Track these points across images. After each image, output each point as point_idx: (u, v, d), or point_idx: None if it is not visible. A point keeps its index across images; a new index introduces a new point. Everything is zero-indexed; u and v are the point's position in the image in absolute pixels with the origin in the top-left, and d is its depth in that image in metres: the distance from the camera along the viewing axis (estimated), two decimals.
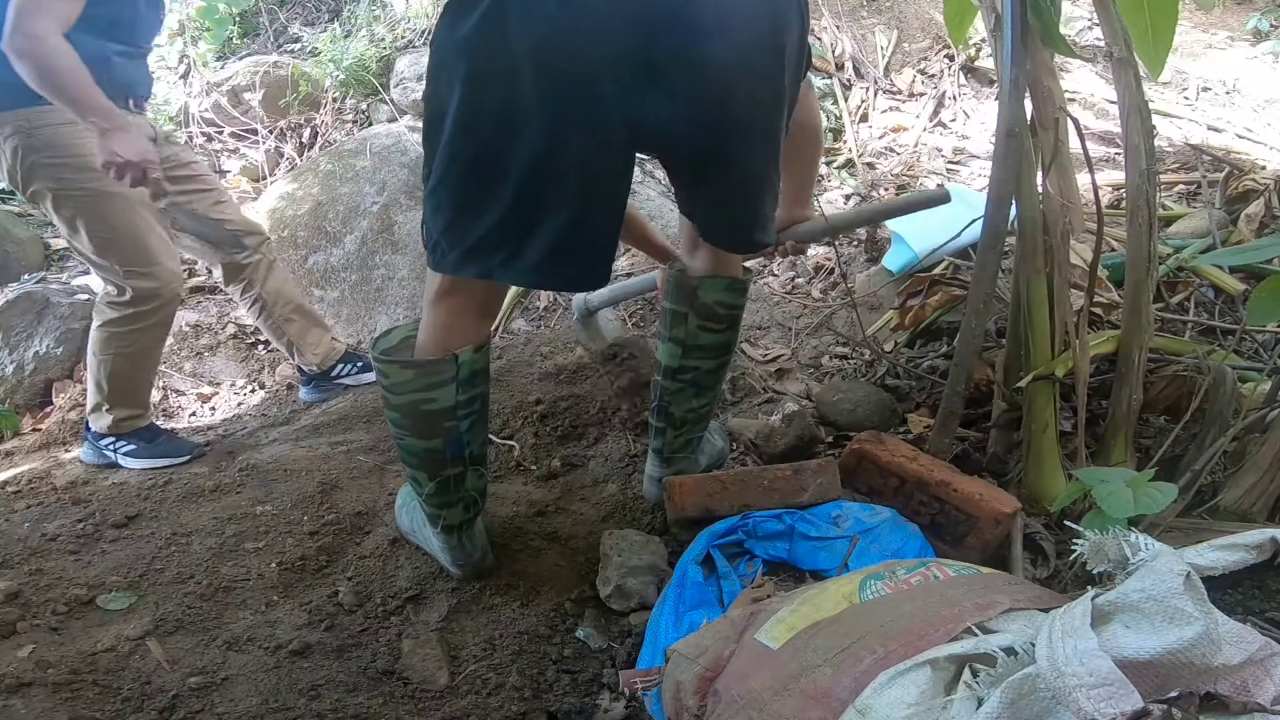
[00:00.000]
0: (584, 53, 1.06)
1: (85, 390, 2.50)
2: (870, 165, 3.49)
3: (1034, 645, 0.74)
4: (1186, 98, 3.94)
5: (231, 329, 3.31)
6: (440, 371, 1.34)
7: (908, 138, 3.64)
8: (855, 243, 3.05)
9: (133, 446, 2.24)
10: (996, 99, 1.61)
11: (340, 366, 2.64)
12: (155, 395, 3.03)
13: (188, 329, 3.29)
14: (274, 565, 1.69)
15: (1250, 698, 0.72)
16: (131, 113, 2.13)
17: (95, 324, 2.21)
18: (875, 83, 3.93)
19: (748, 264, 1.63)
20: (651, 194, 3.52)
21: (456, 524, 1.51)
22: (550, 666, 1.42)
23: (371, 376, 2.53)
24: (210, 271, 3.59)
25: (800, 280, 2.95)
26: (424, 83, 1.18)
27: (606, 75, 1.08)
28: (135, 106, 2.19)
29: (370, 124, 3.96)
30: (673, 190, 1.43)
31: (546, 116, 1.09)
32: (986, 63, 3.94)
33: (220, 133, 4.02)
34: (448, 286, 1.32)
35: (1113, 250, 2.20)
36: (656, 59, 1.08)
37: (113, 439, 2.25)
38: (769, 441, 1.91)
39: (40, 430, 2.64)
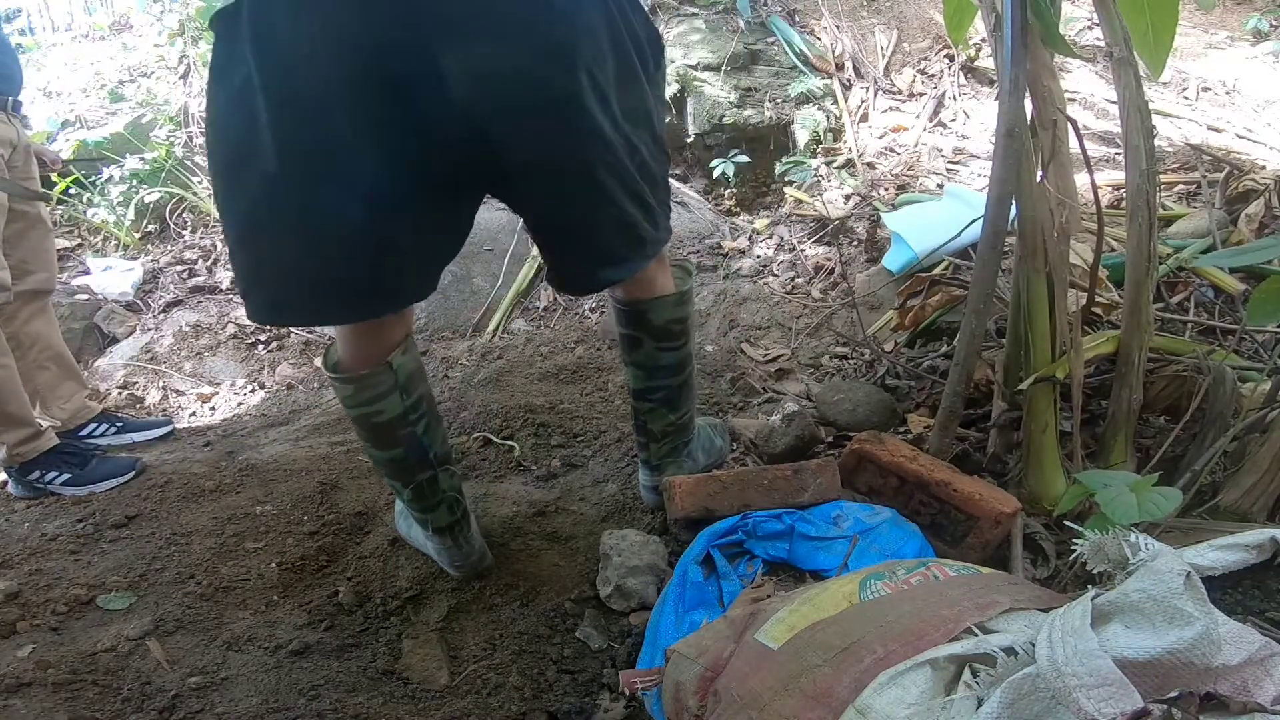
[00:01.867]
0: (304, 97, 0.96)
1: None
2: (870, 165, 3.49)
3: (1034, 645, 0.74)
4: (1186, 98, 3.94)
5: (231, 329, 3.31)
6: (378, 383, 1.29)
7: (908, 138, 3.64)
8: (855, 243, 3.05)
9: (66, 475, 2.07)
10: (996, 99, 1.60)
11: (93, 426, 2.39)
12: (155, 395, 3.04)
13: (188, 329, 3.29)
14: (274, 565, 1.68)
15: (1250, 698, 0.72)
16: (8, 115, 2.07)
17: None
18: (875, 83, 3.93)
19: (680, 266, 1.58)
20: None
21: (445, 526, 1.50)
22: (550, 666, 1.42)
23: (134, 436, 2.42)
24: (210, 271, 3.60)
25: (800, 280, 2.96)
26: None
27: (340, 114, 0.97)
28: (12, 109, 2.11)
29: None
30: None
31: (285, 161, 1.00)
32: (986, 63, 3.94)
33: None
34: None
35: (1113, 250, 2.20)
36: (392, 90, 0.97)
37: (39, 470, 2.07)
38: (769, 441, 1.91)
39: None
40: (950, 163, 3.49)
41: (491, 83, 0.97)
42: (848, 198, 3.30)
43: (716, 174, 3.64)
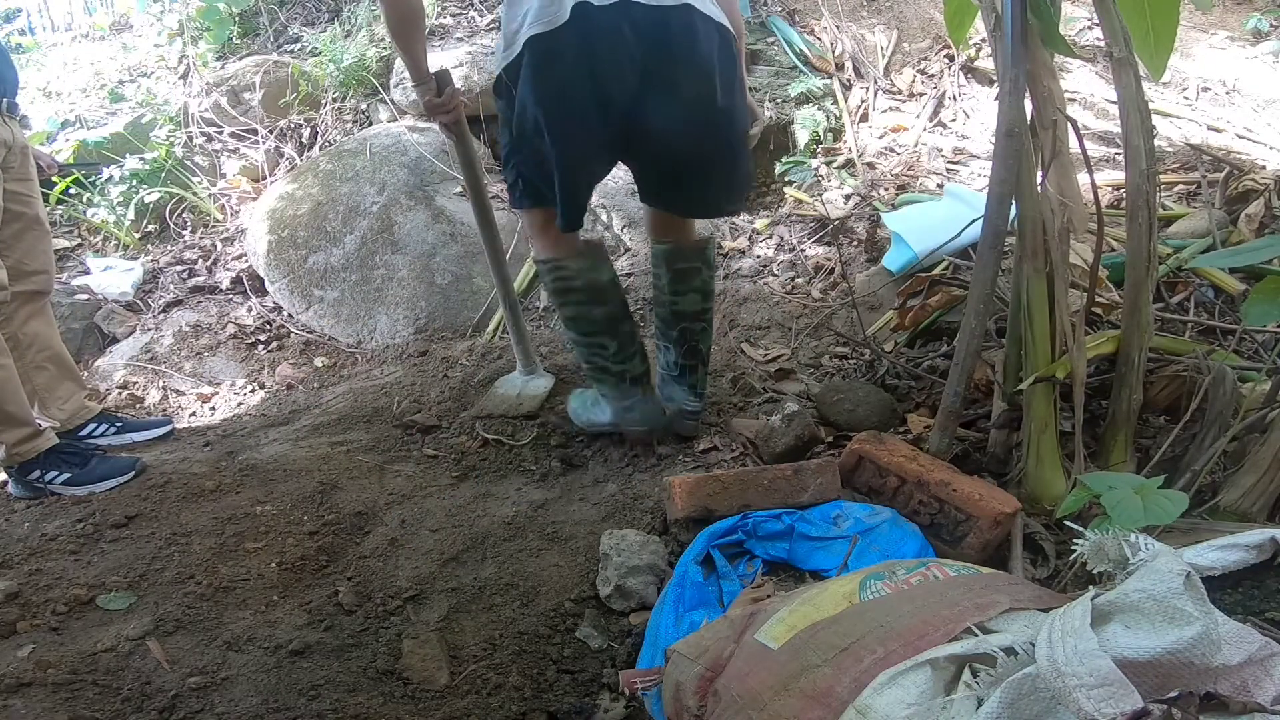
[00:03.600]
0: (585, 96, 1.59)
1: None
2: (870, 165, 3.49)
3: (1034, 645, 0.74)
4: (1186, 98, 3.94)
5: (231, 329, 3.31)
6: (601, 252, 1.88)
7: (908, 138, 3.64)
8: (855, 243, 3.05)
9: (66, 475, 2.06)
10: (996, 99, 1.61)
11: (93, 426, 2.37)
12: (155, 395, 3.04)
13: (188, 329, 3.29)
14: (274, 565, 1.68)
15: (1250, 698, 0.72)
16: (4, 116, 2.07)
17: None
18: (875, 83, 3.93)
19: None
20: None
21: (641, 373, 1.92)
22: (550, 666, 1.42)
23: (133, 436, 2.40)
24: (210, 271, 3.60)
25: (800, 280, 2.96)
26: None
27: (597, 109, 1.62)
28: (7, 110, 2.10)
29: (370, 124, 3.96)
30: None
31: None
32: (986, 63, 3.94)
33: (220, 133, 4.02)
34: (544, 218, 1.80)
35: (1113, 250, 2.20)
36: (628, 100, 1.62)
37: (39, 470, 2.05)
38: (769, 441, 1.91)
39: None
40: (950, 163, 3.49)
41: (686, 117, 1.65)
42: (848, 198, 3.31)
43: None
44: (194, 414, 2.96)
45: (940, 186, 3.18)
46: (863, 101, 3.86)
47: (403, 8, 1.75)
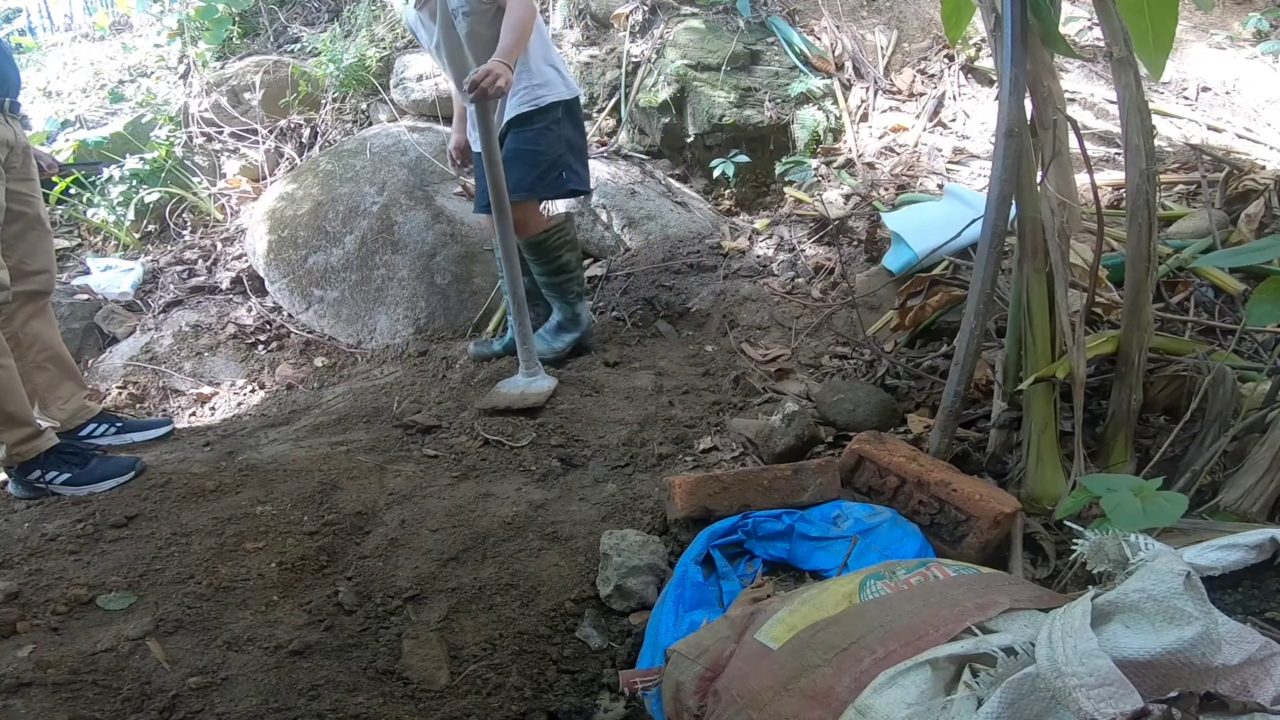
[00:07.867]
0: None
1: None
2: (870, 165, 3.49)
3: (1034, 645, 0.74)
4: (1186, 98, 3.94)
5: (231, 329, 3.31)
6: (573, 220, 3.04)
7: (908, 138, 3.64)
8: (855, 243, 3.05)
9: (66, 475, 2.04)
10: (996, 99, 1.61)
11: (93, 426, 2.38)
12: (155, 395, 3.04)
13: (188, 329, 3.29)
14: (274, 565, 1.68)
15: (1250, 698, 0.72)
16: (6, 116, 2.07)
17: None
18: (875, 83, 3.93)
19: None
20: (651, 194, 3.52)
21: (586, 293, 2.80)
22: (550, 666, 1.42)
23: (133, 436, 2.40)
24: (210, 271, 3.60)
25: (800, 280, 2.95)
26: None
27: None
28: (10, 110, 2.09)
29: (370, 124, 3.96)
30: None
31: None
32: (986, 63, 3.94)
33: (220, 133, 4.02)
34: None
35: (1113, 250, 2.20)
36: None
37: (39, 470, 2.04)
38: (769, 441, 1.91)
39: None
40: (950, 163, 3.49)
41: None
42: (848, 198, 3.30)
43: (716, 174, 3.64)
44: (194, 414, 2.96)
45: (940, 186, 3.18)
46: (863, 101, 3.86)
47: (535, 23, 2.37)
